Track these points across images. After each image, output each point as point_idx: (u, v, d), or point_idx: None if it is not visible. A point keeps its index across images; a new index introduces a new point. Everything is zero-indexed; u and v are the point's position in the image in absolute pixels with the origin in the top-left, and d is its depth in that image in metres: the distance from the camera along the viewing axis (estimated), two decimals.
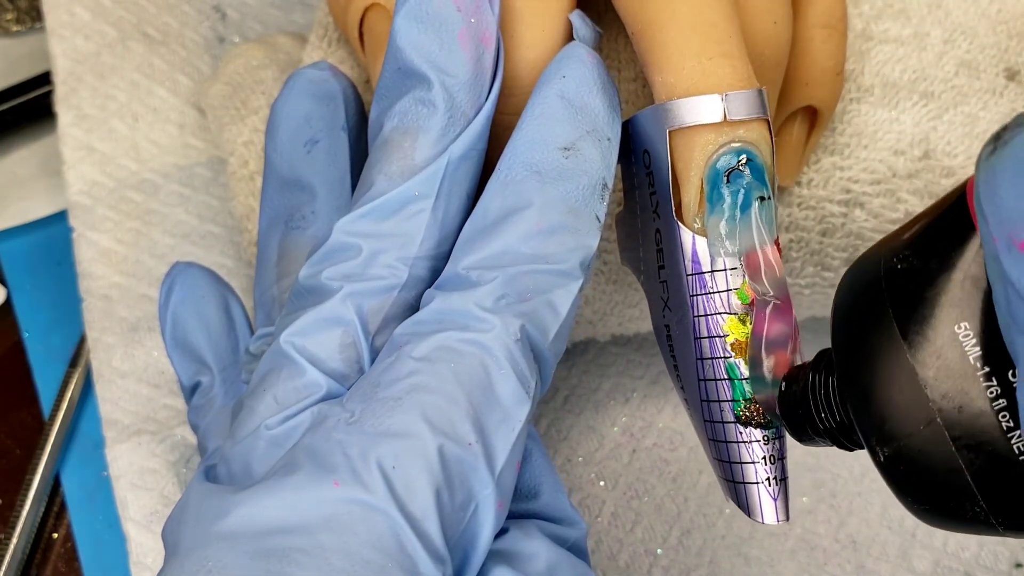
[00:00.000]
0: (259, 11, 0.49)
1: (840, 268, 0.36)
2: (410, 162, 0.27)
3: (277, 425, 0.26)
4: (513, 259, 0.26)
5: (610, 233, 0.34)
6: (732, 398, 0.25)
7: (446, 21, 0.26)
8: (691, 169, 0.25)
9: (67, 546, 0.42)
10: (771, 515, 0.26)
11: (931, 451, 0.20)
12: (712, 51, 0.25)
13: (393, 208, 0.27)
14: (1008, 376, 0.19)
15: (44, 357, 0.45)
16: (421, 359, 0.25)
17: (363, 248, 0.27)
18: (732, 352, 0.25)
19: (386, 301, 0.27)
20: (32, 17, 0.51)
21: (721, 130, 0.25)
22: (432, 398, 0.24)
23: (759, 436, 0.25)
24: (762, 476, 0.25)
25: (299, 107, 0.33)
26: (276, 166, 0.33)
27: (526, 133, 0.27)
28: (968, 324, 0.19)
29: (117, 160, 0.45)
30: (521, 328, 0.25)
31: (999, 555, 0.41)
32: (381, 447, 0.23)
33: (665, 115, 0.25)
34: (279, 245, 0.33)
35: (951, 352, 0.19)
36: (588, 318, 0.37)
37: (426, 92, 0.27)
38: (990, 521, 0.20)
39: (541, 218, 0.26)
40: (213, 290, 0.35)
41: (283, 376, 0.26)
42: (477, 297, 0.25)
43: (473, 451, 0.24)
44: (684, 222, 0.25)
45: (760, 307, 0.25)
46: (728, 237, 0.25)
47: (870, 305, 0.21)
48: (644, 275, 0.28)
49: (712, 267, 0.25)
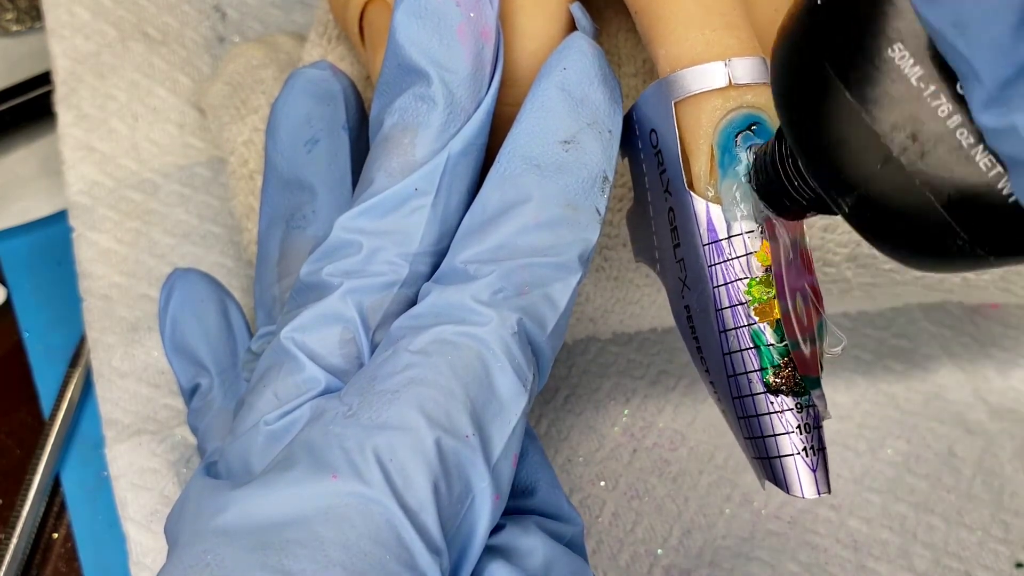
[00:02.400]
0: (259, 11, 0.49)
1: (842, 264, 0.36)
2: (410, 158, 0.27)
3: (276, 420, 0.26)
4: (511, 252, 0.26)
5: (611, 229, 0.34)
6: (760, 367, 0.24)
7: (445, 16, 0.26)
8: (700, 137, 0.25)
9: (67, 546, 0.42)
10: (811, 488, 0.24)
11: (895, 190, 0.18)
12: (715, 23, 0.25)
13: (393, 204, 0.27)
14: (956, 89, 0.17)
15: (44, 357, 0.45)
16: (418, 352, 0.25)
17: (363, 244, 0.27)
18: (756, 318, 0.24)
19: (386, 297, 0.27)
20: (32, 17, 0.51)
21: (727, 95, 0.25)
22: (429, 391, 0.24)
23: (791, 404, 0.24)
24: (798, 446, 0.24)
25: (299, 107, 0.33)
26: (277, 165, 0.33)
27: (526, 126, 0.27)
28: (902, 45, 0.17)
29: (117, 160, 0.45)
30: (519, 321, 0.25)
31: (999, 554, 0.41)
32: (378, 440, 0.23)
33: (670, 87, 0.25)
34: (280, 244, 0.33)
35: (889, 78, 0.18)
36: (589, 315, 0.37)
37: (426, 88, 0.27)
38: (976, 252, 0.18)
39: (540, 211, 0.26)
40: (212, 295, 0.35)
41: (283, 372, 0.27)
42: (474, 291, 0.25)
43: (470, 444, 0.24)
44: (697, 192, 0.25)
45: (781, 267, 0.24)
46: (743, 200, 0.24)
47: (797, 49, 0.20)
48: (660, 263, 0.28)
49: (729, 233, 0.24)
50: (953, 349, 0.46)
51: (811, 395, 0.25)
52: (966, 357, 0.46)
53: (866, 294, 0.37)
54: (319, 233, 0.32)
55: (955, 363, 0.45)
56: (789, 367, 0.24)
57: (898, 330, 0.46)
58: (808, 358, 0.24)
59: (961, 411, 0.44)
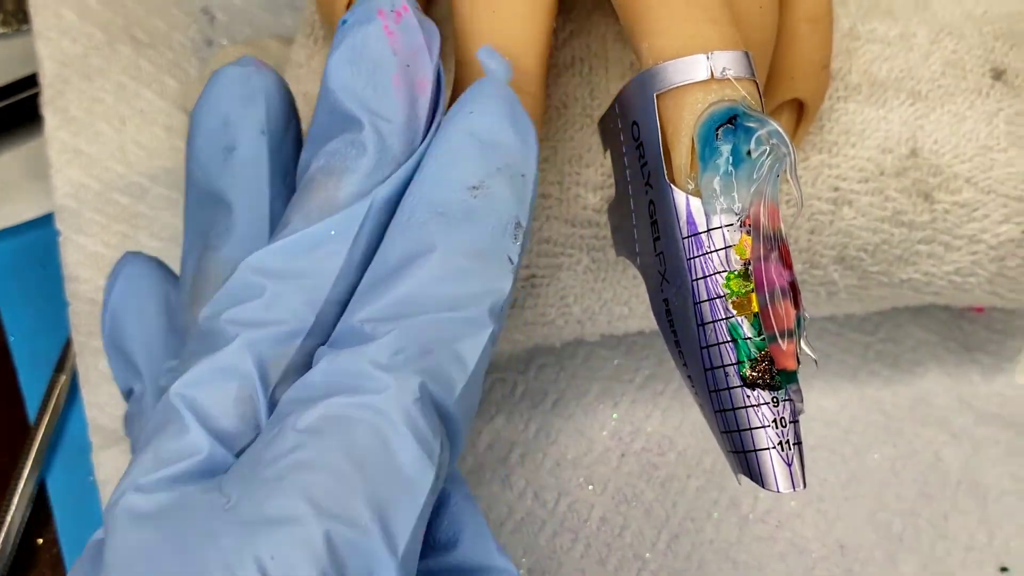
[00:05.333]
0: (247, 14, 0.49)
1: (829, 266, 0.36)
2: (332, 202, 0.25)
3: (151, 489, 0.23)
4: (414, 308, 0.24)
5: (599, 230, 0.34)
6: (737, 360, 0.24)
7: (380, 64, 0.25)
8: (681, 131, 0.24)
9: (53, 551, 0.41)
10: (785, 482, 0.24)
11: None
12: (698, 16, 0.25)
13: (306, 247, 0.25)
14: None
15: (29, 361, 0.45)
16: (306, 431, 0.22)
17: (267, 289, 0.24)
18: (734, 311, 0.24)
19: (289, 349, 0.25)
20: (18, 19, 0.51)
21: (709, 88, 0.24)
22: (318, 476, 0.21)
23: (767, 398, 0.24)
24: (773, 440, 0.24)
25: (217, 109, 0.29)
26: (194, 177, 0.30)
27: (430, 172, 0.25)
28: None
29: (104, 163, 0.44)
30: (421, 386, 0.23)
31: (984, 560, 0.41)
32: (259, 537, 0.21)
33: (651, 80, 0.25)
34: (196, 265, 0.30)
35: None
36: (577, 317, 0.37)
37: (356, 134, 0.25)
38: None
39: (445, 262, 0.24)
40: (156, 286, 0.32)
41: (168, 433, 0.24)
42: (371, 353, 0.23)
43: (369, 532, 0.21)
44: (677, 185, 0.25)
45: (760, 261, 0.24)
46: (723, 193, 0.24)
47: None
48: (640, 256, 0.28)
49: (708, 226, 0.24)
50: (939, 354, 0.46)
51: (788, 389, 0.25)
52: (952, 362, 0.46)
53: (853, 296, 0.38)
54: (233, 256, 0.29)
55: (941, 368, 0.45)
56: (766, 361, 0.24)
57: (884, 335, 0.46)
58: (785, 352, 0.24)
59: (947, 416, 0.44)
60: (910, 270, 0.36)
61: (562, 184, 0.34)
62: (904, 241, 0.35)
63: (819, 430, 0.44)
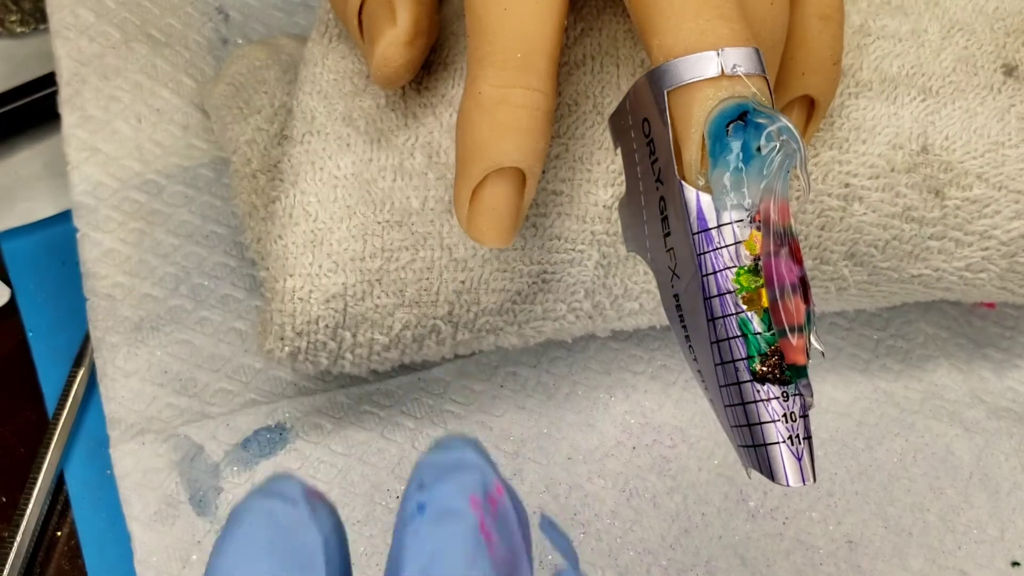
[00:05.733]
0: (262, 13, 0.50)
1: (839, 262, 0.36)
2: None
3: None
4: None
5: (610, 226, 0.35)
6: (747, 355, 0.25)
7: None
8: (691, 127, 0.25)
9: (71, 544, 0.42)
10: (795, 476, 0.24)
11: None
12: (709, 13, 0.25)
13: None
14: None
15: (48, 356, 0.45)
16: None
17: None
18: (744, 306, 0.24)
19: None
20: (36, 19, 0.52)
21: (719, 85, 0.24)
22: None
23: (777, 393, 0.25)
24: (783, 434, 0.24)
25: (252, 558, 0.20)
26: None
27: None
28: None
29: (121, 161, 0.45)
30: None
31: (995, 554, 0.41)
32: None
33: (663, 76, 0.25)
34: None
35: None
36: (588, 312, 0.37)
37: None
38: None
39: None
40: None
41: None
42: None
43: None
44: (688, 181, 0.25)
45: (770, 256, 0.24)
46: (734, 189, 0.24)
47: None
48: (650, 252, 0.28)
49: (719, 221, 0.25)
50: (950, 350, 0.46)
51: (797, 384, 0.25)
52: (963, 358, 0.46)
53: (863, 292, 0.38)
54: None
55: (952, 363, 0.46)
56: (776, 356, 0.24)
57: (895, 331, 0.46)
58: (795, 347, 0.24)
59: (959, 410, 0.44)
60: (920, 266, 0.36)
61: (573, 181, 0.34)
62: (915, 237, 0.35)
63: (831, 422, 0.44)
